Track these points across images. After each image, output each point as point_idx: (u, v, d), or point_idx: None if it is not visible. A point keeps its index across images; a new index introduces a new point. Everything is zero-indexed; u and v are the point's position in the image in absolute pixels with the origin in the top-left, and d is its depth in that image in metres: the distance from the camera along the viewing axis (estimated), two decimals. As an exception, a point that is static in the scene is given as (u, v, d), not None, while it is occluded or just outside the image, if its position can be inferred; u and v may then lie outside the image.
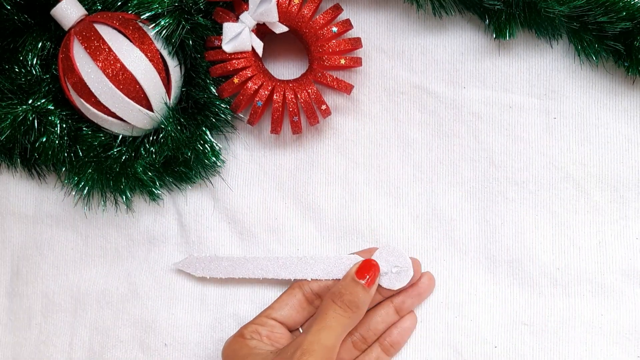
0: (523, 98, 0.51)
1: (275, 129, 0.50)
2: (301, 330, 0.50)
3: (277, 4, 0.48)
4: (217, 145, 0.52)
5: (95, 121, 0.50)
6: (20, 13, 0.50)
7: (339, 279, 0.49)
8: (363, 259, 0.49)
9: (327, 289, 0.49)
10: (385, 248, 0.49)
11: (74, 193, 0.52)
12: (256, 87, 0.49)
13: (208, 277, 0.52)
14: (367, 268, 0.47)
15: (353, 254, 0.50)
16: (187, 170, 0.52)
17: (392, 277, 0.48)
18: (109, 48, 0.47)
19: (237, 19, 0.49)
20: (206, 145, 0.51)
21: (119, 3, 0.50)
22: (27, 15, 0.50)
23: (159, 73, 0.48)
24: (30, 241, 0.55)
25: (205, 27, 0.49)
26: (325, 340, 0.44)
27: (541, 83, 0.50)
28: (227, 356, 0.47)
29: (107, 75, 0.47)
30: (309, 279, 0.49)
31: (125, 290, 0.54)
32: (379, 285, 0.48)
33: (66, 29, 0.49)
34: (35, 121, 0.50)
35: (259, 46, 0.49)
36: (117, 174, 0.51)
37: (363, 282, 0.47)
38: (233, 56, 0.49)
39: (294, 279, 0.50)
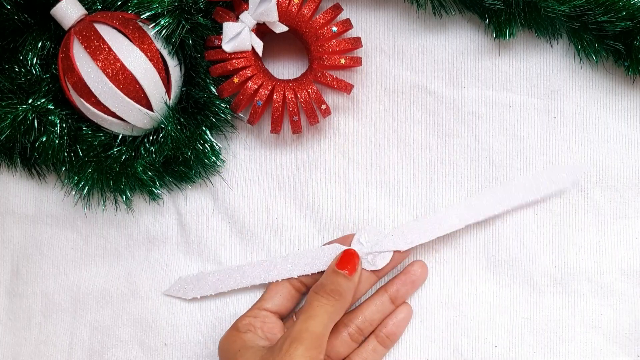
0: (523, 98, 0.51)
1: (275, 128, 0.50)
2: (295, 318, 0.50)
3: (277, 4, 0.48)
4: (217, 145, 0.52)
5: (95, 121, 0.50)
6: (20, 13, 0.50)
7: (324, 271, 0.49)
8: (343, 247, 0.49)
9: (312, 278, 0.50)
10: (364, 230, 0.49)
11: (74, 193, 0.52)
12: (256, 86, 0.49)
13: (199, 297, 0.52)
14: (347, 258, 0.48)
15: (332, 242, 0.50)
16: (187, 170, 0.52)
17: (375, 257, 0.49)
18: (109, 48, 0.47)
19: (237, 19, 0.49)
20: (206, 145, 0.51)
21: (119, 3, 0.50)
22: (27, 15, 0.50)
23: (159, 73, 0.48)
24: (30, 241, 0.55)
25: (205, 27, 0.49)
26: (313, 328, 0.44)
27: (541, 83, 0.50)
28: (222, 349, 0.48)
29: (107, 74, 0.47)
30: (296, 277, 0.50)
31: (125, 290, 0.54)
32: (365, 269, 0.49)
33: (66, 28, 0.49)
34: (35, 121, 0.50)
35: (259, 46, 0.49)
36: (117, 174, 0.51)
37: (345, 272, 0.47)
38: (233, 56, 0.49)
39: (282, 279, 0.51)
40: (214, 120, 0.51)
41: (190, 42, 0.49)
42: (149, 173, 0.51)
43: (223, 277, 0.52)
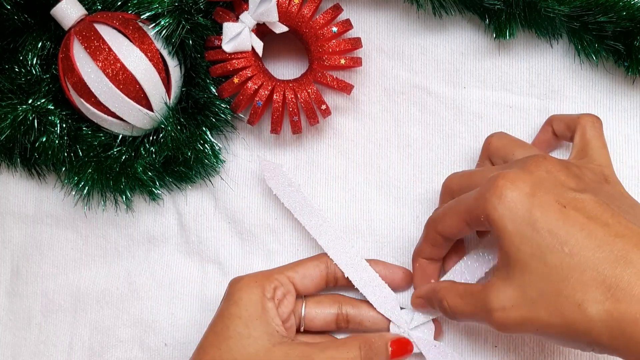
0: (523, 98, 0.51)
1: (275, 129, 0.50)
2: (304, 309, 0.49)
3: (277, 4, 0.48)
4: (217, 145, 0.52)
5: (95, 121, 0.50)
6: (20, 13, 0.50)
7: (364, 295, 0.49)
8: (398, 307, 0.49)
9: (346, 280, 0.49)
10: (417, 315, 0.49)
11: (74, 193, 0.52)
12: (256, 87, 0.49)
13: (274, 193, 0.50)
14: (402, 346, 0.47)
15: (394, 266, 0.50)
16: (187, 170, 0.52)
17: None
18: (109, 48, 0.47)
19: (237, 19, 0.49)
20: (206, 145, 0.51)
21: (119, 3, 0.50)
22: (27, 15, 0.50)
23: (159, 73, 0.48)
24: (30, 241, 0.55)
25: (205, 27, 0.49)
26: None
27: (541, 83, 0.50)
28: (238, 298, 0.46)
29: (107, 75, 0.47)
30: (343, 272, 0.49)
31: (125, 290, 0.54)
32: None
33: (66, 28, 0.49)
34: (35, 121, 0.50)
35: (259, 46, 0.49)
36: (117, 174, 0.51)
37: (390, 350, 0.47)
38: (233, 56, 0.49)
39: (330, 257, 0.49)
40: (214, 120, 0.51)
41: (190, 42, 0.49)
42: (149, 173, 0.51)
43: (304, 209, 0.50)
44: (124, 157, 0.51)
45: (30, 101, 0.50)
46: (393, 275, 0.50)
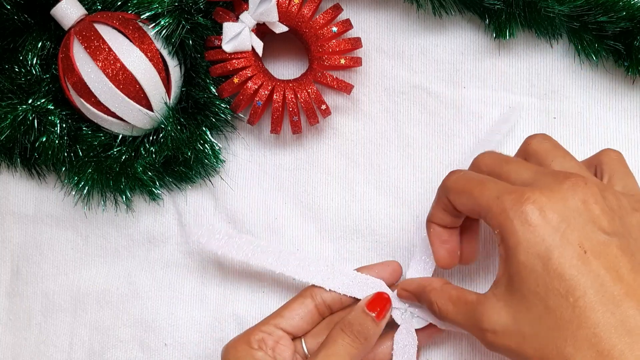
0: (523, 98, 0.51)
1: (275, 129, 0.50)
2: (304, 345, 0.48)
3: (277, 4, 0.48)
4: (217, 145, 0.52)
5: (95, 121, 0.50)
6: (20, 13, 0.50)
7: (356, 298, 0.47)
8: (384, 285, 0.48)
9: (340, 302, 0.48)
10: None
11: (74, 193, 0.52)
12: (256, 87, 0.49)
13: (220, 253, 0.50)
14: (379, 302, 0.46)
15: (375, 266, 0.49)
16: (187, 170, 0.52)
17: (411, 315, 0.48)
18: (109, 48, 0.47)
19: (237, 19, 0.49)
20: (206, 145, 0.51)
21: (119, 3, 0.50)
22: (27, 15, 0.50)
23: (159, 73, 0.48)
24: (30, 241, 0.55)
25: (205, 27, 0.49)
26: None
27: (541, 83, 0.50)
28: None
29: (107, 75, 0.47)
30: (327, 289, 0.47)
31: (125, 290, 0.54)
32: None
33: (66, 28, 0.49)
34: (35, 121, 0.50)
35: (259, 46, 0.49)
36: (117, 174, 0.51)
37: (373, 314, 0.45)
38: (233, 56, 0.49)
39: (311, 284, 0.48)
40: (214, 120, 0.51)
41: (190, 42, 0.49)
42: (149, 173, 0.51)
43: (256, 249, 0.49)
44: (124, 157, 0.51)
45: (30, 101, 0.50)
46: (381, 273, 0.48)
